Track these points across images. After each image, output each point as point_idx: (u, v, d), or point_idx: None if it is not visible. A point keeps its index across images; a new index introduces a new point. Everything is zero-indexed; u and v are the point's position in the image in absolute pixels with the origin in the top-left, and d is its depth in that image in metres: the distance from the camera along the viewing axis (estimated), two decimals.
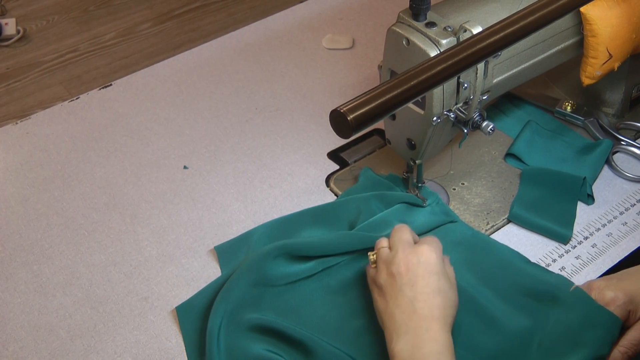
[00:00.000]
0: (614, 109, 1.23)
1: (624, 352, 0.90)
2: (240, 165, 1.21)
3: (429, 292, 0.86)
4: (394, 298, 0.87)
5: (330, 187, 1.17)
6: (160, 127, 1.28)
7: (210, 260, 1.07)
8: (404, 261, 0.88)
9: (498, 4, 1.01)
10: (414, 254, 0.89)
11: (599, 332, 0.91)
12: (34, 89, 2.52)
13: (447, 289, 0.88)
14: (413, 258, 0.88)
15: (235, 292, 0.97)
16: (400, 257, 0.89)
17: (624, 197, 1.13)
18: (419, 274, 0.87)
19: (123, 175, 1.20)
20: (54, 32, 2.76)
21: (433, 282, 0.87)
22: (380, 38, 1.12)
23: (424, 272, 0.87)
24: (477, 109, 1.02)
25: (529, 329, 0.94)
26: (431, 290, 0.86)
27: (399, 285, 0.87)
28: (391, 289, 0.88)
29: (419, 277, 0.87)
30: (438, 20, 0.96)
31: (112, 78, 1.38)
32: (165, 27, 2.78)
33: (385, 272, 0.90)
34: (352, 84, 1.36)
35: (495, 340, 0.93)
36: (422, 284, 0.86)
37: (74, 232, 1.12)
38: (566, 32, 1.08)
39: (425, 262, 0.88)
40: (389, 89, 0.70)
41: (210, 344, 0.93)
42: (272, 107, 1.32)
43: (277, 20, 1.51)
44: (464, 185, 1.15)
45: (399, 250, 0.90)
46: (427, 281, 0.86)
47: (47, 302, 1.03)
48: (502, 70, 1.04)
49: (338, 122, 0.69)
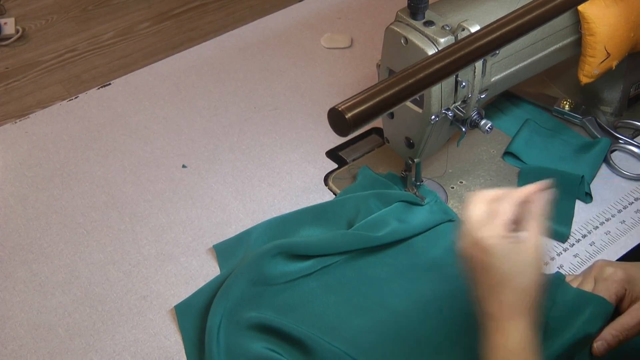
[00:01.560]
0: (612, 107, 1.23)
1: (615, 335, 0.90)
2: (239, 164, 1.21)
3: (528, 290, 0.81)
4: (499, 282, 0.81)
5: (328, 185, 1.17)
6: (159, 126, 1.28)
7: (209, 258, 1.07)
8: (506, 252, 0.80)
9: (496, 3, 1.01)
10: (522, 252, 0.80)
11: (587, 312, 0.91)
12: (33, 89, 2.53)
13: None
14: (518, 256, 0.81)
15: (235, 291, 0.97)
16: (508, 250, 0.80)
17: (622, 195, 1.13)
18: (525, 270, 0.81)
19: (122, 174, 1.20)
20: (52, 31, 2.76)
21: (534, 276, 0.81)
22: (378, 37, 1.12)
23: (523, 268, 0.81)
24: (475, 108, 1.02)
25: None
26: (528, 289, 0.81)
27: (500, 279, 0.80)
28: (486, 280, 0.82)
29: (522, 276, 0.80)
30: (436, 19, 0.97)
31: (111, 77, 1.38)
32: (164, 27, 2.78)
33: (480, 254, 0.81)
34: (351, 83, 1.36)
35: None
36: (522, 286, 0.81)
37: (73, 231, 1.12)
38: (564, 30, 1.08)
39: (533, 259, 0.81)
40: (386, 87, 0.70)
41: (209, 342, 0.93)
42: (270, 106, 1.32)
43: (276, 19, 1.52)
44: (462, 183, 1.15)
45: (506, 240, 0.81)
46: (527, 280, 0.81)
47: (46, 301, 1.03)
48: (500, 68, 1.04)
49: (336, 120, 0.69)
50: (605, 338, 0.90)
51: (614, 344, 0.89)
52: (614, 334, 0.90)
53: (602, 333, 0.90)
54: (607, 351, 0.89)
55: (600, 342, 0.90)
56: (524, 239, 0.80)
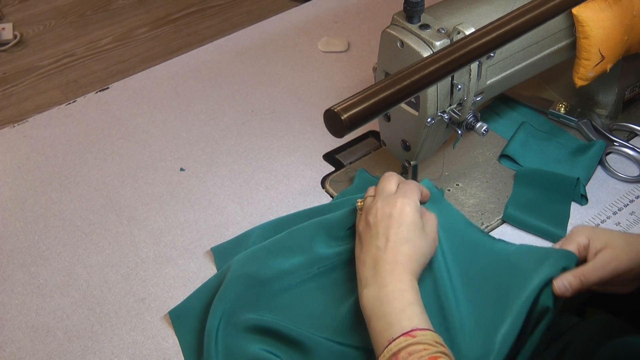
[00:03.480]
0: (607, 110, 1.24)
1: (575, 277, 0.93)
2: (237, 167, 1.22)
3: (396, 240, 0.89)
4: (367, 246, 0.92)
5: (325, 188, 1.18)
6: (157, 130, 1.29)
7: (207, 261, 1.08)
8: (380, 211, 0.92)
9: (491, 7, 1.02)
10: (389, 205, 0.92)
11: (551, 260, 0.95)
12: (31, 94, 2.53)
13: (417, 239, 0.91)
14: (387, 209, 0.92)
15: (232, 293, 0.97)
16: (377, 206, 0.92)
17: (617, 197, 1.14)
18: (390, 224, 0.90)
19: (120, 178, 1.21)
20: (50, 36, 2.77)
21: (402, 232, 0.90)
22: (375, 41, 1.13)
23: (394, 223, 0.90)
24: (471, 110, 1.03)
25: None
26: (399, 239, 0.90)
27: (372, 233, 0.91)
28: (365, 237, 0.93)
29: (390, 227, 0.90)
30: (432, 22, 0.97)
31: (109, 82, 1.39)
32: (162, 32, 2.79)
33: (363, 220, 0.94)
34: (348, 87, 1.36)
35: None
36: (391, 234, 0.90)
37: (71, 234, 1.12)
38: (559, 34, 1.09)
39: (398, 214, 0.91)
40: (382, 88, 0.70)
41: (208, 344, 0.94)
42: (268, 109, 1.32)
43: (273, 24, 1.52)
44: (459, 186, 1.15)
45: (378, 200, 0.94)
46: (396, 231, 0.90)
47: (44, 304, 1.03)
48: (496, 71, 1.05)
49: (332, 121, 0.70)
50: (566, 277, 0.94)
51: (575, 285, 0.93)
52: (575, 274, 0.94)
53: (563, 274, 0.94)
54: (567, 291, 0.93)
55: (560, 281, 0.93)
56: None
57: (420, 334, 0.81)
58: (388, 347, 0.82)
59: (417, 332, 0.82)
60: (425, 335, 0.81)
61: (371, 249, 0.91)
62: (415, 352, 0.79)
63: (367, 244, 0.92)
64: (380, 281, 0.88)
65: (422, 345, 0.80)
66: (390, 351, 0.81)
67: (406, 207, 0.92)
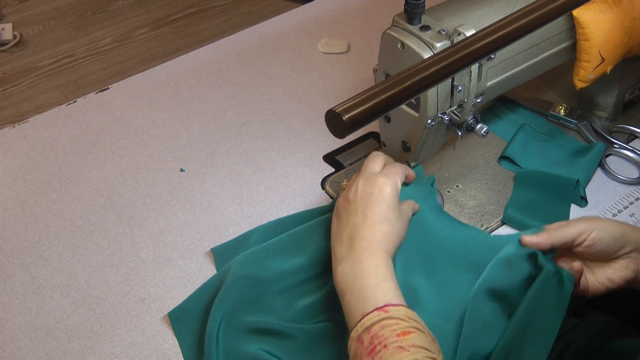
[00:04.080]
0: (607, 112, 1.24)
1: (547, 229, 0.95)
2: (237, 168, 1.22)
3: (374, 219, 0.90)
4: (344, 222, 0.92)
5: (325, 189, 1.18)
6: (157, 130, 1.29)
7: (207, 262, 1.08)
8: (360, 189, 0.93)
9: (492, 8, 1.02)
10: (370, 184, 0.92)
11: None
12: (30, 94, 2.53)
13: (394, 220, 0.91)
14: (368, 187, 0.92)
15: (233, 294, 0.97)
16: (359, 184, 0.93)
17: (616, 199, 1.14)
18: (370, 202, 0.91)
19: (120, 178, 1.21)
20: (50, 37, 2.77)
21: (381, 212, 0.91)
22: (375, 42, 1.13)
23: (374, 202, 0.91)
24: (471, 112, 1.03)
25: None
26: (377, 218, 0.90)
27: (351, 210, 0.92)
28: (343, 213, 0.93)
29: (369, 205, 0.91)
30: (432, 23, 0.97)
31: (109, 83, 1.39)
32: (162, 32, 2.79)
33: (343, 196, 0.95)
34: (348, 88, 1.37)
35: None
36: (369, 212, 0.90)
37: (71, 234, 1.12)
38: (559, 35, 1.09)
39: (377, 193, 0.92)
40: (383, 89, 0.71)
41: (209, 345, 0.94)
42: (268, 110, 1.33)
43: (273, 25, 1.52)
44: (459, 187, 1.16)
45: (360, 177, 0.94)
46: (374, 209, 0.91)
47: (44, 304, 1.03)
48: (496, 73, 1.05)
49: (334, 122, 0.70)
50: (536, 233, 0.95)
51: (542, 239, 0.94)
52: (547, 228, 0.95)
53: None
54: (531, 242, 0.94)
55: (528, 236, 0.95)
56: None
57: (393, 309, 0.82)
58: (361, 321, 0.82)
59: (390, 307, 0.82)
60: (398, 311, 0.82)
61: (348, 226, 0.91)
62: (387, 327, 0.80)
63: (344, 220, 0.92)
64: (355, 256, 0.88)
65: (395, 320, 0.81)
66: (363, 325, 0.82)
67: (387, 187, 0.92)
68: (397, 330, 0.80)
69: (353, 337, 0.83)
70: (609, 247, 0.93)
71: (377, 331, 0.80)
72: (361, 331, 0.82)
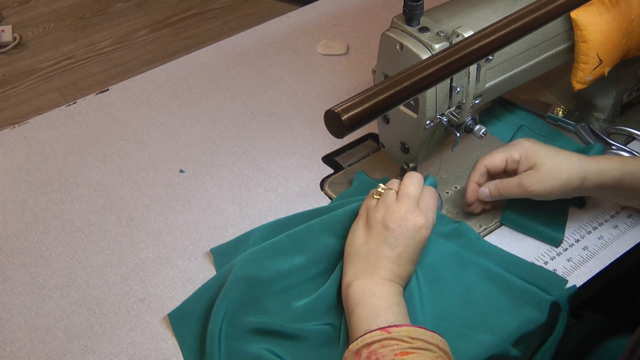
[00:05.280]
0: (605, 114, 1.25)
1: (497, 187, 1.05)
2: (236, 169, 1.22)
3: (404, 258, 0.94)
4: (373, 243, 0.95)
5: (324, 190, 1.18)
6: (157, 132, 1.29)
7: (206, 262, 1.08)
8: (399, 221, 0.94)
9: (490, 10, 1.03)
10: (411, 219, 0.94)
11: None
12: (30, 96, 2.54)
13: (417, 260, 0.97)
14: (408, 223, 0.94)
15: (233, 295, 0.98)
16: (398, 215, 0.95)
17: None
18: (405, 240, 0.94)
19: (120, 179, 1.21)
20: (50, 39, 2.78)
21: (412, 254, 0.95)
22: (374, 44, 1.14)
23: (409, 241, 0.94)
24: (469, 113, 1.03)
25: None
26: (407, 258, 0.94)
27: (387, 236, 0.94)
28: (377, 235, 0.95)
29: (405, 244, 0.94)
30: (431, 25, 0.98)
31: (108, 85, 1.39)
32: (161, 35, 2.80)
33: (381, 215, 0.96)
34: (347, 89, 1.37)
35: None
36: (403, 251, 0.94)
37: (71, 235, 1.12)
38: (557, 37, 1.10)
39: (415, 233, 0.94)
40: (382, 90, 0.71)
41: (211, 346, 0.94)
42: (267, 112, 1.33)
43: (272, 27, 1.53)
44: (457, 189, 1.16)
45: (402, 205, 0.96)
46: (408, 250, 0.94)
47: (44, 304, 1.03)
48: (494, 74, 1.05)
49: (332, 122, 0.71)
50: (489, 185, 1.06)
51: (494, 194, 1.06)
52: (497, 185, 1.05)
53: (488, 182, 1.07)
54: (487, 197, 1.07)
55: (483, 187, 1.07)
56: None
57: (396, 330, 0.84)
58: (363, 336, 0.85)
59: (393, 328, 0.85)
60: (400, 332, 0.84)
61: (377, 251, 0.94)
62: (388, 346, 0.83)
63: (373, 241, 0.95)
64: (376, 280, 0.92)
65: (396, 341, 0.83)
66: (364, 341, 0.85)
67: (425, 231, 0.95)
68: (396, 350, 0.82)
69: (351, 349, 0.85)
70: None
71: (376, 348, 0.83)
72: (361, 345, 0.84)
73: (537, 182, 1.02)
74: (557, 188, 1.02)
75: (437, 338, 0.85)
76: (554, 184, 1.01)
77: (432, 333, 0.85)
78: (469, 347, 0.93)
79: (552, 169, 1.01)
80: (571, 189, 1.02)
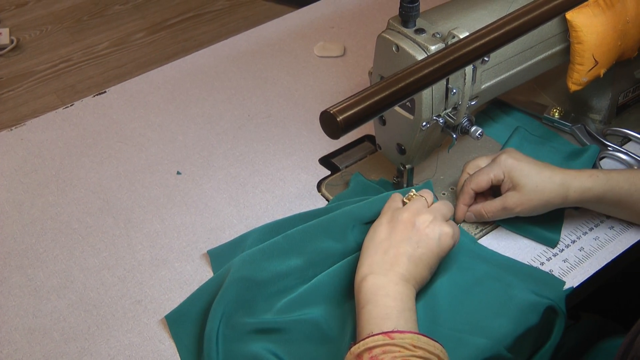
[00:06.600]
0: (601, 115, 1.25)
1: (482, 210, 1.08)
2: (233, 171, 1.22)
3: (426, 263, 0.94)
4: (396, 240, 0.95)
5: (321, 192, 1.18)
6: (154, 133, 1.30)
7: (203, 264, 1.08)
8: (428, 223, 0.95)
9: (486, 12, 1.03)
10: (438, 225, 0.95)
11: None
12: (27, 98, 2.54)
13: (435, 268, 0.97)
14: (436, 227, 0.95)
15: (230, 296, 0.98)
16: (428, 218, 0.96)
17: None
18: (429, 246, 0.94)
19: (117, 181, 1.21)
20: (47, 41, 2.78)
21: (434, 261, 0.95)
22: (371, 46, 1.14)
23: (433, 248, 0.94)
24: (465, 115, 1.04)
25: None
26: (428, 264, 0.94)
27: (409, 235, 0.94)
28: (401, 232, 0.95)
29: (428, 249, 0.94)
30: (427, 26, 0.98)
31: (105, 87, 1.39)
32: (159, 37, 2.80)
33: (409, 215, 0.96)
34: (343, 91, 1.37)
35: None
36: (425, 255, 0.94)
37: (68, 237, 1.13)
38: (553, 39, 1.10)
39: (440, 241, 0.95)
40: (377, 91, 0.71)
41: (209, 347, 0.94)
42: (264, 113, 1.33)
43: (270, 29, 1.53)
44: (453, 190, 1.16)
45: (434, 212, 0.97)
46: (430, 256, 0.94)
47: (41, 305, 1.04)
48: (490, 76, 1.06)
49: (328, 123, 0.71)
50: (474, 209, 1.08)
51: (478, 217, 1.09)
52: (482, 208, 1.07)
53: (474, 205, 1.09)
54: (471, 219, 1.10)
55: (469, 212, 1.09)
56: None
57: (399, 337, 0.84)
58: (365, 340, 0.84)
59: (396, 334, 0.84)
60: (403, 339, 0.84)
61: (399, 249, 0.94)
62: (389, 352, 0.82)
63: (397, 237, 0.95)
64: (392, 278, 0.91)
65: (398, 348, 0.83)
66: (366, 344, 0.84)
67: (450, 240, 0.96)
68: (397, 358, 0.82)
69: (353, 352, 0.85)
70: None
71: (378, 354, 0.82)
72: (363, 349, 0.84)
73: (520, 203, 1.04)
74: (540, 207, 1.04)
75: (438, 348, 0.84)
76: (536, 205, 1.03)
77: (435, 342, 0.84)
78: (464, 352, 0.93)
79: (533, 190, 1.03)
80: (553, 206, 1.04)
